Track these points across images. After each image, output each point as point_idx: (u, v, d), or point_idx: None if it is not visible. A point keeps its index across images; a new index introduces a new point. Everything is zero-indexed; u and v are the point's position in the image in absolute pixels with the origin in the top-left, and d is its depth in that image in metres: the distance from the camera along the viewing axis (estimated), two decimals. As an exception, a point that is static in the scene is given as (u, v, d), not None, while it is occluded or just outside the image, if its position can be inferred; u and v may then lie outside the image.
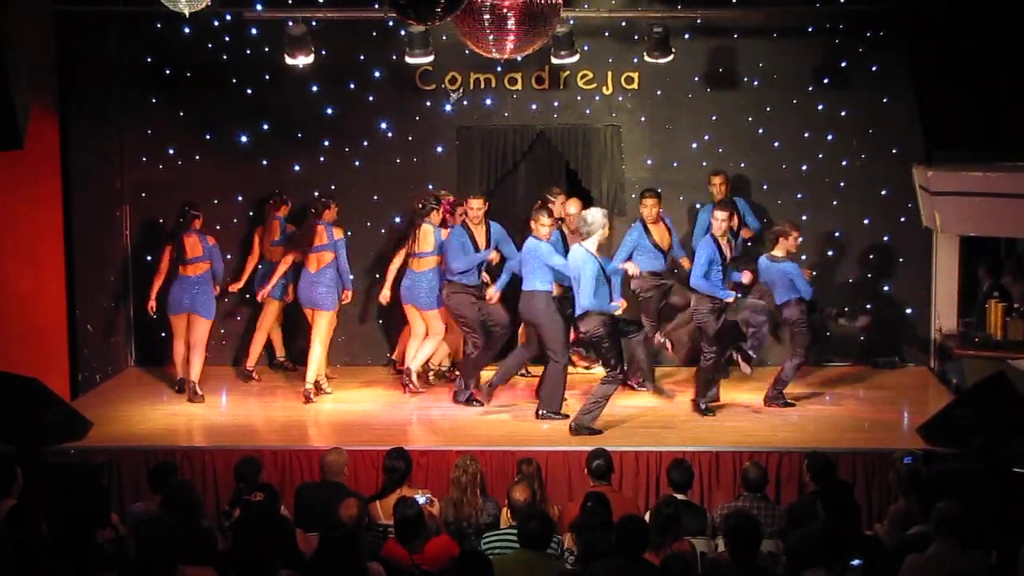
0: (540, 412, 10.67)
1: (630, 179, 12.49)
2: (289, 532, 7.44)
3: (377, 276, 12.21)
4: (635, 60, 12.30)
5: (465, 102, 12.52)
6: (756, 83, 12.46)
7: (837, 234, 12.59)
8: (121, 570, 6.80)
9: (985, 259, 12.38)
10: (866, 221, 12.55)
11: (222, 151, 12.62)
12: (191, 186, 12.52)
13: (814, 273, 11.47)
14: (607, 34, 12.40)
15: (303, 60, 11.50)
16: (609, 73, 12.44)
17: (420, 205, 11.42)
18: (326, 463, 8.55)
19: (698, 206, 12.27)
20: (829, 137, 12.48)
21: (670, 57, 11.75)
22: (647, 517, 7.60)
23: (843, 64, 12.35)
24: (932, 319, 12.37)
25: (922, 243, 12.38)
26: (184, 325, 11.60)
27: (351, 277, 11.45)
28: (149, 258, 12.65)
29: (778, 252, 10.91)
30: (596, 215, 10.15)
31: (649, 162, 12.61)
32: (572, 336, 10.99)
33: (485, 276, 11.35)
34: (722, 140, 12.53)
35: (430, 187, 12.08)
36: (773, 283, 10.90)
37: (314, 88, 12.44)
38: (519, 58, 9.64)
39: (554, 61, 11.83)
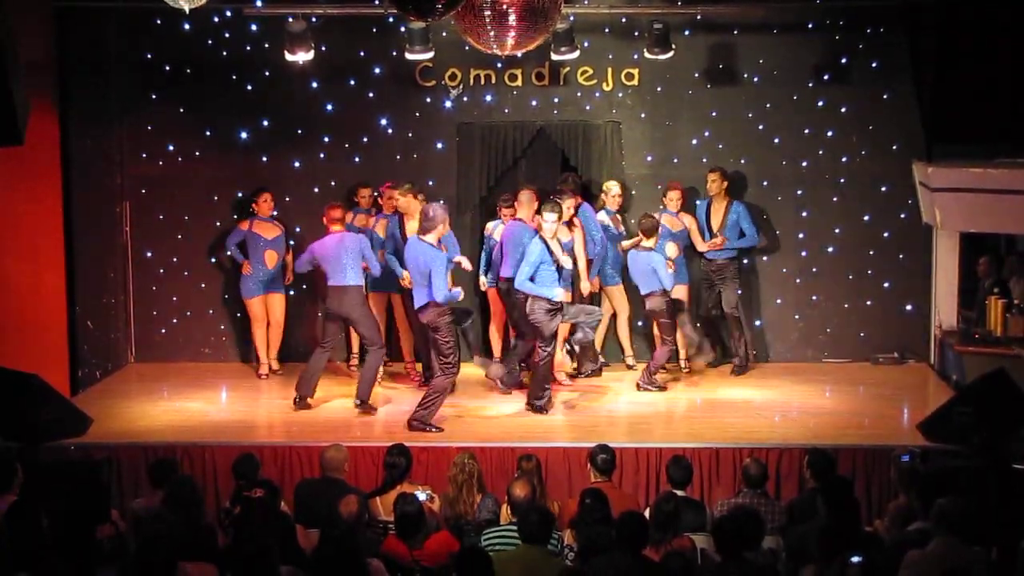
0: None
1: (630, 175, 12.48)
2: (289, 528, 7.44)
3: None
4: (635, 56, 12.29)
5: (465, 98, 12.50)
6: (756, 79, 12.45)
7: (837, 230, 12.58)
8: (121, 566, 6.79)
9: (988, 255, 12.37)
10: (866, 217, 12.55)
11: (222, 147, 12.62)
12: (191, 182, 12.55)
13: (675, 265, 11.52)
14: (607, 30, 12.39)
15: (303, 56, 11.50)
16: (609, 69, 12.43)
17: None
18: (326, 459, 8.54)
19: (697, 203, 12.28)
20: (829, 133, 12.47)
21: (670, 53, 11.74)
22: (647, 513, 7.60)
23: (843, 60, 12.34)
24: (932, 315, 12.37)
25: (922, 239, 12.37)
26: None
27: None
28: (149, 254, 12.67)
29: (649, 244, 11.20)
30: (438, 211, 10.17)
31: (649, 158, 12.60)
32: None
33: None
34: (722, 136, 12.52)
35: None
36: (642, 273, 11.25)
37: (314, 84, 12.43)
38: (519, 54, 9.62)
39: (554, 57, 11.81)
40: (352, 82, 12.52)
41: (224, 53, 12.40)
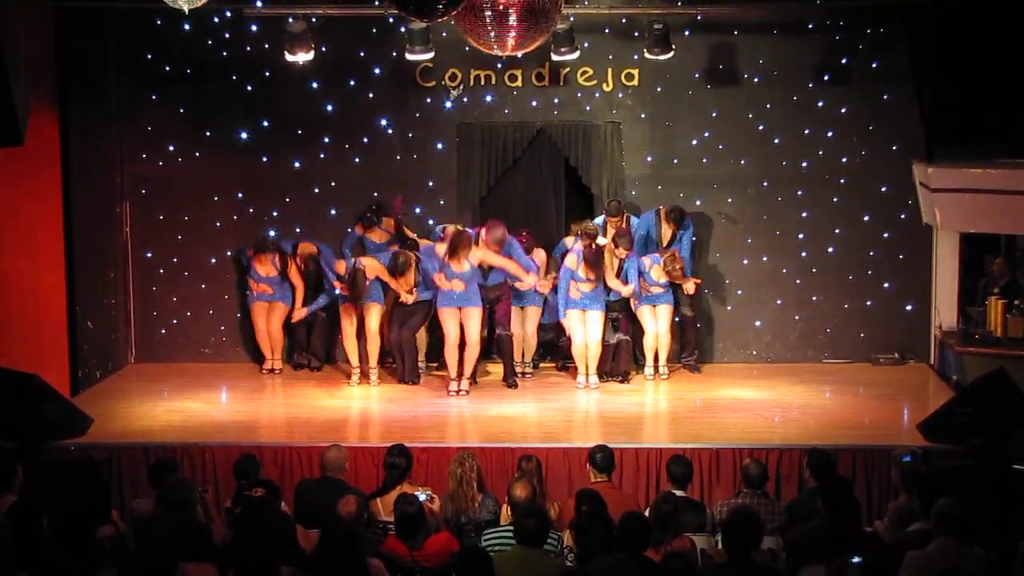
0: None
1: (630, 176, 12.49)
2: (289, 529, 7.43)
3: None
4: (635, 57, 12.30)
5: (465, 99, 12.51)
6: (756, 80, 12.45)
7: (837, 231, 12.59)
8: (121, 566, 6.79)
9: (1003, 255, 12.32)
10: (866, 218, 12.55)
11: (222, 148, 12.62)
12: (191, 182, 12.56)
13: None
14: (608, 31, 12.40)
15: (303, 57, 11.50)
16: (609, 70, 12.43)
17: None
18: (326, 460, 8.54)
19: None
20: (829, 134, 12.48)
21: (670, 54, 11.74)
22: (646, 514, 7.60)
23: (843, 61, 12.35)
24: (932, 316, 12.37)
25: (922, 240, 12.38)
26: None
27: None
28: (149, 254, 12.67)
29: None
30: None
31: (649, 159, 12.61)
32: None
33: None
34: (722, 137, 12.53)
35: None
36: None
37: (314, 85, 12.44)
38: (519, 55, 9.62)
39: (554, 58, 11.82)
40: (352, 82, 12.53)
41: (224, 53, 12.41)
